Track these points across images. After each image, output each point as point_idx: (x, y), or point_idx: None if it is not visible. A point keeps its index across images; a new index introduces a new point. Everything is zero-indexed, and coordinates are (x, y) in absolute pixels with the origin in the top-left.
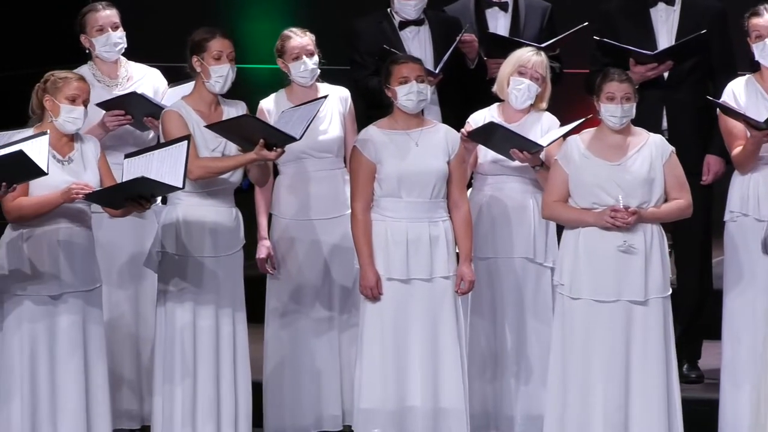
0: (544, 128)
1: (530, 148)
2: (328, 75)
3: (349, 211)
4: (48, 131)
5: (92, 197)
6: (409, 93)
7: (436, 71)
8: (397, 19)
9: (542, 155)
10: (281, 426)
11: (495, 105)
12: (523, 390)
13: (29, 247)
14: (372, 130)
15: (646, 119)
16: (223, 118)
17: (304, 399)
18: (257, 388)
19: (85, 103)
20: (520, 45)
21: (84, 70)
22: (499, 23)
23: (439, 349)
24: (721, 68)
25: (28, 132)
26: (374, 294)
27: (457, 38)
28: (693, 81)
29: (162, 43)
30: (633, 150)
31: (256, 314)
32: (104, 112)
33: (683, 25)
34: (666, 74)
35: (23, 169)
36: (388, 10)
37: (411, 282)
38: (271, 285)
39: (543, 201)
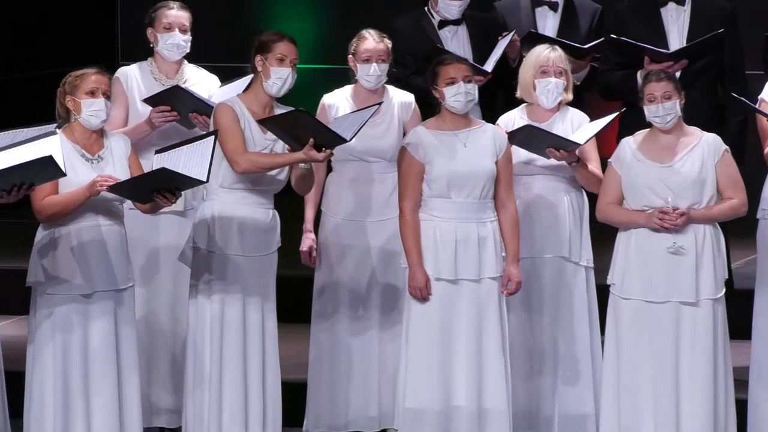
0: (575, 124)
1: (567, 146)
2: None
3: (392, 216)
4: (57, 132)
5: (116, 189)
6: (456, 94)
7: (489, 70)
8: (436, 18)
9: (576, 151)
10: (321, 426)
11: (522, 105)
12: (560, 389)
13: (61, 246)
14: (420, 131)
15: None
16: None
17: (344, 399)
18: (300, 388)
19: (107, 95)
20: (563, 46)
21: (143, 65)
22: (548, 23)
23: (483, 350)
24: (729, 68)
25: (36, 131)
26: (423, 294)
27: (509, 37)
28: (705, 80)
29: (203, 43)
30: (684, 150)
31: (299, 313)
32: (151, 108)
33: (694, 24)
34: (678, 74)
35: (44, 170)
36: (426, 8)
37: (459, 282)
38: (317, 285)
39: (597, 203)
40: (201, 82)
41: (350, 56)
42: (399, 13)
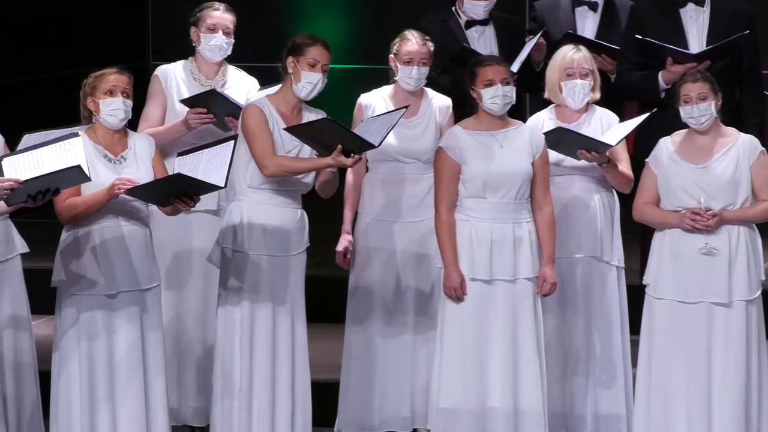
0: (604, 124)
1: (598, 147)
2: (381, 74)
3: (427, 217)
4: (78, 132)
5: (134, 192)
6: (494, 96)
7: (515, 70)
8: (463, 19)
9: (607, 152)
10: (353, 426)
11: (551, 106)
12: (592, 389)
13: (84, 247)
14: (457, 131)
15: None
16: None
17: (376, 400)
18: (331, 388)
19: (126, 94)
20: (599, 47)
21: (183, 64)
22: (588, 22)
23: (518, 350)
24: (748, 70)
25: (59, 132)
26: (458, 294)
27: (535, 39)
28: (724, 82)
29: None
30: (720, 152)
31: (330, 313)
32: (188, 109)
33: (713, 25)
34: None
35: (70, 176)
36: (453, 8)
37: (494, 282)
38: (351, 285)
39: (634, 202)
40: (240, 84)
41: (391, 56)
42: (429, 12)
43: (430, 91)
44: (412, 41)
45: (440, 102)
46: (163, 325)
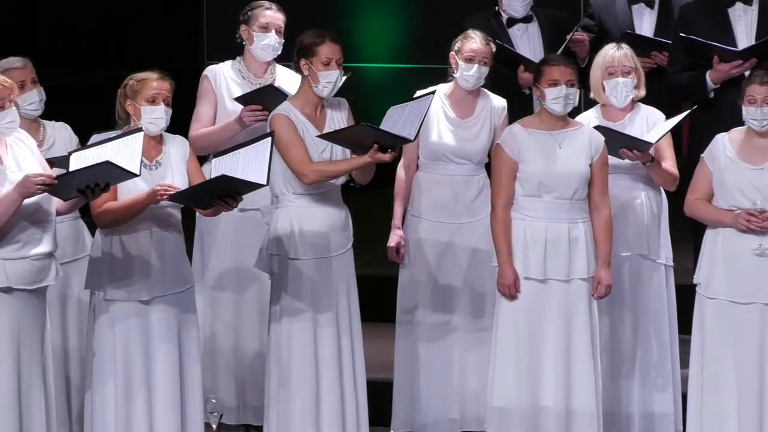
0: (650, 122)
1: (639, 146)
2: (432, 74)
3: (482, 217)
4: (143, 128)
5: (177, 197)
6: (558, 96)
7: None
8: (505, 17)
9: (651, 150)
10: (406, 426)
11: (597, 106)
12: (640, 388)
13: (117, 252)
14: (516, 129)
15: (728, 117)
16: (327, 121)
17: (425, 401)
18: (384, 387)
19: (167, 102)
20: (655, 44)
21: (232, 64)
22: (645, 20)
23: (572, 350)
24: None
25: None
26: (512, 292)
27: (569, 37)
28: None
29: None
30: None
31: (380, 313)
32: (241, 107)
33: (762, 24)
34: (747, 73)
35: (113, 172)
36: (496, 8)
37: (548, 282)
38: (401, 286)
39: (686, 198)
40: (288, 81)
41: (452, 53)
42: (475, 12)
43: (485, 92)
44: (475, 39)
45: (496, 103)
46: (199, 324)
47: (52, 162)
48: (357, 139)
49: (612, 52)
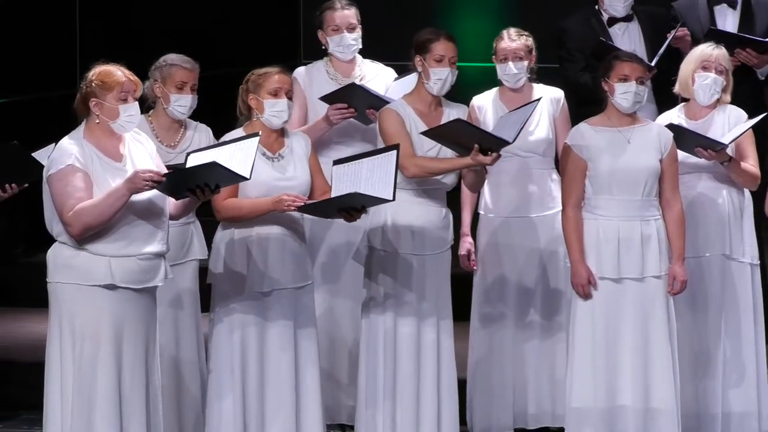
0: (732, 122)
1: (714, 146)
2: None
3: (552, 211)
4: (260, 132)
5: (304, 209)
6: (626, 92)
7: (652, 64)
8: (605, 16)
9: (730, 150)
10: (483, 424)
11: (680, 105)
12: (724, 388)
13: (239, 245)
14: (584, 128)
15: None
16: (443, 120)
17: (502, 399)
18: (461, 385)
19: (289, 96)
20: (745, 41)
21: (319, 65)
22: (728, 20)
23: (650, 349)
24: None
25: (232, 135)
26: (586, 291)
27: (673, 32)
28: None
29: (381, 42)
30: None
31: (459, 312)
32: (328, 106)
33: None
34: None
35: (221, 174)
36: (596, 7)
37: (622, 281)
38: (476, 286)
39: None
40: (377, 77)
41: (493, 56)
42: (572, 11)
43: (537, 86)
44: (504, 39)
45: (551, 94)
46: (316, 321)
47: (170, 167)
48: (458, 138)
49: (710, 49)
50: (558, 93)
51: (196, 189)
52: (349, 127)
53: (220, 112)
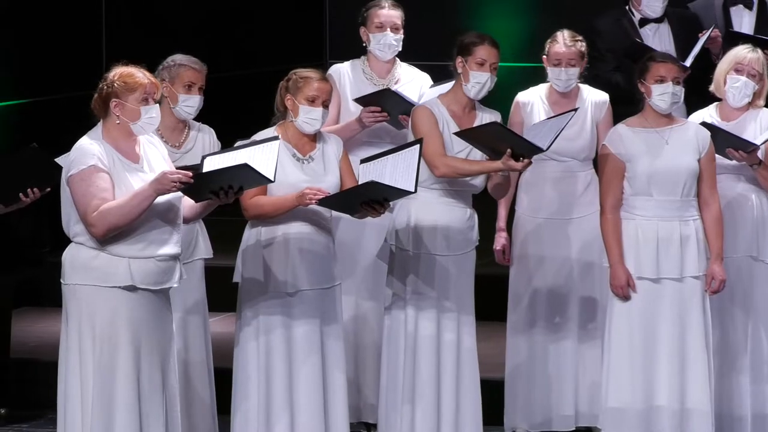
0: (763, 125)
1: (746, 147)
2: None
3: (590, 213)
4: (279, 136)
5: (326, 202)
6: (663, 93)
7: (687, 65)
8: (637, 16)
9: (760, 153)
10: (522, 422)
11: (714, 104)
12: (753, 389)
13: (266, 245)
14: (621, 129)
15: None
16: (475, 123)
17: (540, 399)
18: (498, 386)
19: (325, 104)
20: (763, 42)
21: (356, 63)
22: (744, 21)
23: (686, 349)
24: None
25: (264, 134)
26: (625, 292)
27: (707, 33)
28: None
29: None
30: None
31: (495, 312)
32: (362, 107)
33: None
34: None
35: (248, 176)
36: (627, 7)
37: (661, 281)
38: (512, 285)
39: None
40: (413, 81)
41: (544, 57)
42: (603, 12)
43: (585, 89)
44: (559, 43)
45: (596, 97)
46: (342, 321)
47: (187, 168)
48: (491, 142)
49: (746, 52)
50: (603, 96)
51: (220, 191)
52: (380, 129)
53: (248, 111)
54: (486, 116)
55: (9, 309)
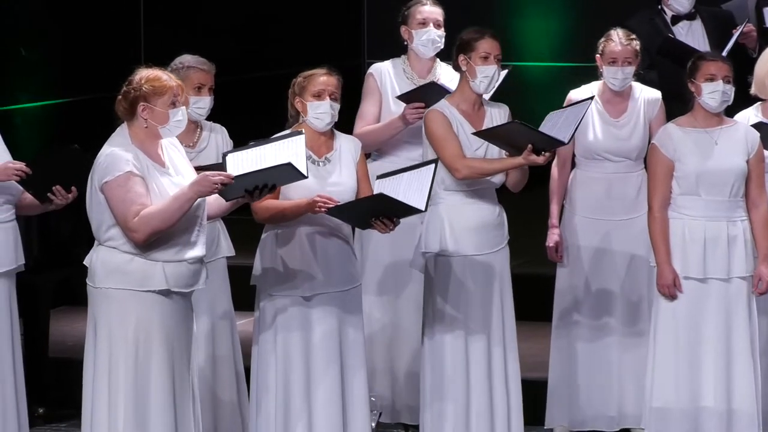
0: None
1: None
2: (594, 72)
3: (640, 214)
4: (303, 130)
5: (334, 212)
6: (714, 92)
7: None
8: (669, 14)
9: None
10: (565, 422)
11: (757, 104)
12: None
13: (283, 247)
14: (671, 128)
15: None
16: (486, 120)
17: (583, 399)
18: (541, 386)
19: (333, 97)
20: None
21: (397, 62)
22: None
23: (732, 350)
24: None
25: (286, 132)
26: (671, 292)
27: (740, 27)
28: None
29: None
30: None
31: (537, 312)
32: (404, 106)
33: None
34: None
35: (285, 173)
36: (659, 6)
37: (707, 281)
38: (558, 284)
39: None
40: (453, 80)
41: (597, 56)
42: (636, 11)
43: (637, 87)
44: (615, 41)
45: (649, 95)
46: (363, 323)
47: (199, 169)
48: (511, 139)
49: None
50: (656, 94)
51: (255, 190)
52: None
53: (283, 111)
54: (494, 111)
55: (47, 309)
